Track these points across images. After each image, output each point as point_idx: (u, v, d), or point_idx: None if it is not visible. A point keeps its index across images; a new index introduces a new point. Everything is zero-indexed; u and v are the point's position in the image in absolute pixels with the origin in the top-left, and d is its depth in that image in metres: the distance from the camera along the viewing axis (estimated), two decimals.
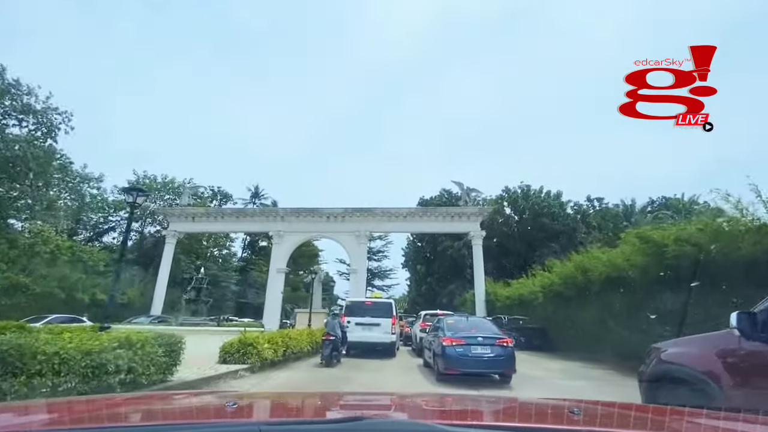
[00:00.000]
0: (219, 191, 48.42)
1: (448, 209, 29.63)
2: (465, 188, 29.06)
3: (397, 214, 28.52)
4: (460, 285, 39.45)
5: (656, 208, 46.74)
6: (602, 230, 40.98)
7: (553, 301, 16.85)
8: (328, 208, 28.84)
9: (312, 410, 1.71)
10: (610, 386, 8.50)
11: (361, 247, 28.54)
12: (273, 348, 8.99)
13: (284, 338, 10.05)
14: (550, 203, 42.18)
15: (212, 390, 5.44)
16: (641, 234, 10.97)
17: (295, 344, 10.70)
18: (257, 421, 1.27)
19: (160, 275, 28.48)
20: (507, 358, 8.40)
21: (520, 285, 21.36)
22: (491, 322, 11.34)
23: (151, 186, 35.58)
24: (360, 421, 1.02)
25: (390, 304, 14.13)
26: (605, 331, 13.16)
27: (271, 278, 28.32)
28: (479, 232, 27.87)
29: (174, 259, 32.51)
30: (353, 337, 12.57)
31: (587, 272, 13.72)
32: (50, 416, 1.31)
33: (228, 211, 30.76)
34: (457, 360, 8.22)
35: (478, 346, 8.40)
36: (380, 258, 47.99)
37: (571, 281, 14.70)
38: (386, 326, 12.95)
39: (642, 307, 11.36)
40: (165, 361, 5.45)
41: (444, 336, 8.66)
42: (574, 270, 14.37)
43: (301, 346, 11.17)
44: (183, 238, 35.94)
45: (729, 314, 2.80)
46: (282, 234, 28.84)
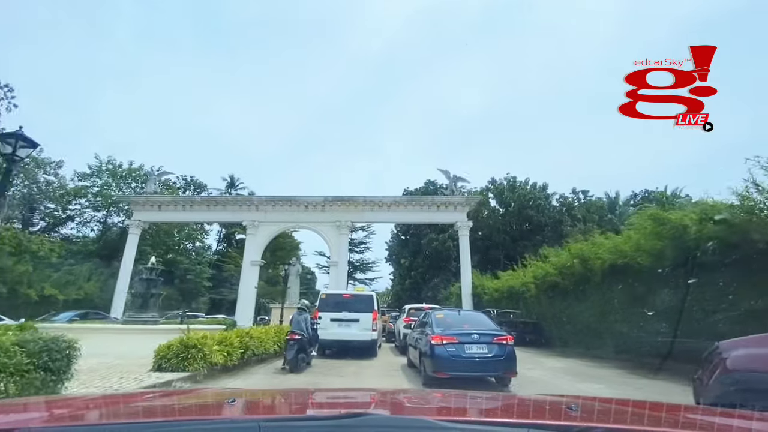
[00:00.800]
0: (192, 181, 45.78)
1: (434, 198, 28.20)
2: (452, 176, 27.66)
3: (380, 204, 26.92)
4: (445, 278, 38.52)
5: (639, 201, 46.85)
6: (587, 222, 40.59)
7: (547, 293, 15.65)
8: (306, 196, 27.02)
9: (312, 406, 1.69)
10: (632, 389, 7.19)
11: (342, 238, 26.87)
12: (226, 351, 7.30)
13: (243, 338, 8.34)
14: (536, 195, 41.63)
15: (212, 387, 5.43)
16: (657, 215, 9.70)
17: (257, 345, 9.01)
18: (257, 417, 1.22)
19: (122, 269, 26.10)
20: (507, 358, 7.11)
21: (511, 276, 20.15)
22: (487, 316, 9.95)
23: (115, 173, 32.87)
24: (360, 416, 1.02)
25: (371, 297, 12.54)
26: (606, 325, 11.99)
27: (245, 271, 26.37)
28: (466, 223, 26.58)
29: (139, 252, 30.18)
30: (328, 335, 11.15)
31: (587, 261, 12.49)
32: (49, 413, 1.30)
33: (198, 200, 28.46)
34: (449, 361, 6.95)
35: (473, 344, 7.12)
36: (362, 250, 45.99)
37: (568, 271, 13.46)
38: (366, 322, 11.46)
39: (650, 299, 10.19)
40: (38, 377, 3.74)
41: (432, 333, 7.39)
42: (572, 259, 13.12)
43: (266, 346, 9.48)
44: (151, 229, 33.57)
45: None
46: (257, 224, 26.88)
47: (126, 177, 33.40)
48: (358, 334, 11.34)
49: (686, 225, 8.45)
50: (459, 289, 27.21)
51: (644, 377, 8.54)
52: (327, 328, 11.18)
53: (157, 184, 29.91)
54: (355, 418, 1.01)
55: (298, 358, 8.07)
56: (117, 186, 32.99)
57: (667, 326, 9.48)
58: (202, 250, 44.67)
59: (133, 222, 27.31)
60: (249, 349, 8.52)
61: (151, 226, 32.76)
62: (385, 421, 1.10)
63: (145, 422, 1.13)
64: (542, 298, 16.36)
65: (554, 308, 15.34)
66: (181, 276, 38.37)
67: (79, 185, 32.10)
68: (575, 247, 13.35)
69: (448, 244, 39.48)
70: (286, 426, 1.08)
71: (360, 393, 2.45)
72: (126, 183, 33.69)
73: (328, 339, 11.23)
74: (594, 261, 12.11)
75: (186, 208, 27.73)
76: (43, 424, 1.10)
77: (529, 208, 40.63)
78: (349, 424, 1.00)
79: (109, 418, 1.19)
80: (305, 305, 8.94)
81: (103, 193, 31.91)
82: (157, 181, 29.85)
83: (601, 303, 12.21)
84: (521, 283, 17.83)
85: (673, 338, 8.82)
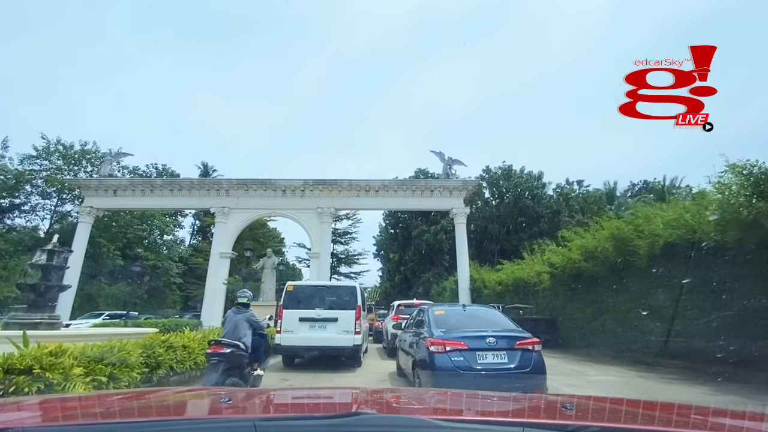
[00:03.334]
0: (165, 170, 41.92)
1: (427, 182, 25.41)
2: (446, 158, 24.88)
3: (367, 188, 24.00)
4: (437, 273, 36.10)
5: (638, 191, 45.27)
6: (585, 213, 38.57)
7: (569, 284, 13.03)
8: (284, 179, 23.92)
9: (308, 406, 1.70)
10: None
11: (324, 227, 23.89)
12: (102, 376, 4.30)
13: (149, 349, 5.34)
14: (532, 184, 39.40)
15: (206, 387, 4.61)
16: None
17: (176, 358, 5.98)
18: (252, 416, 1.21)
19: (69, 263, 22.60)
20: (534, 369, 5.18)
21: (518, 267, 17.49)
22: (502, 313, 7.28)
23: (66, 155, 29.05)
24: (356, 416, 1.02)
25: (353, 288, 9.97)
26: (655, 322, 9.38)
27: (213, 264, 23.19)
28: (463, 209, 23.90)
29: (94, 245, 26.63)
30: (296, 340, 8.82)
31: (629, 242, 9.84)
32: (44, 412, 1.30)
33: (159, 183, 25.00)
34: (454, 375, 5.02)
35: (488, 351, 5.18)
36: (347, 241, 42.26)
37: (601, 255, 10.81)
38: (347, 322, 8.95)
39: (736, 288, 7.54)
40: None
41: (431, 336, 5.50)
42: (609, 240, 10.45)
43: (195, 359, 6.48)
44: (109, 220, 29.95)
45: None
46: (227, 211, 23.70)
47: (80, 160, 29.56)
48: (336, 338, 8.84)
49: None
50: (454, 283, 24.61)
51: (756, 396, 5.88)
52: (295, 331, 8.86)
53: (114, 167, 26.37)
54: (351, 417, 1.00)
55: (226, 383, 4.94)
56: (71, 171, 29.18)
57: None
58: (174, 244, 40.98)
59: (84, 209, 23.76)
60: (162, 366, 5.51)
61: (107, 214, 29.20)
62: (380, 420, 1.08)
63: (141, 421, 1.11)
64: (560, 291, 13.77)
65: (577, 302, 12.74)
66: (149, 272, 34.95)
67: (26, 169, 28.20)
68: (613, 225, 10.68)
69: (441, 236, 36.99)
70: (282, 425, 1.07)
71: (355, 392, 2.25)
72: (81, 167, 29.90)
73: (296, 345, 8.91)
74: (640, 241, 9.47)
75: (146, 193, 24.30)
76: (37, 424, 1.11)
77: (526, 198, 38.46)
78: (344, 423, 0.99)
79: (104, 417, 1.16)
80: (248, 299, 5.66)
81: (51, 178, 28.08)
82: (114, 163, 26.29)
83: (647, 293, 9.61)
84: (532, 274, 15.18)
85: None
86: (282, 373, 8.45)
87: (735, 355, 7.29)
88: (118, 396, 1.76)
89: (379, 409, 1.38)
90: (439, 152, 25.66)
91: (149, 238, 36.36)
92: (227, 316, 5.80)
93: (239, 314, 5.60)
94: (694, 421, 1.24)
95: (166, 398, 1.65)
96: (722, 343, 7.50)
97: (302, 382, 7.38)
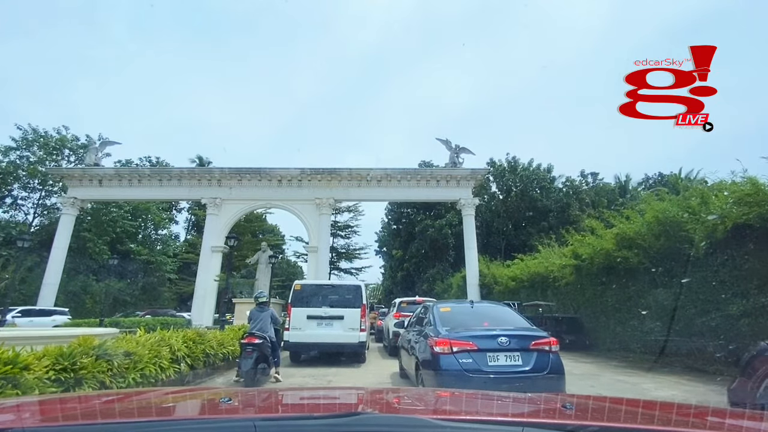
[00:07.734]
0: (158, 162, 40.40)
1: (433, 171, 23.81)
2: (454, 146, 23.28)
3: (368, 178, 22.43)
4: (442, 269, 34.48)
5: (652, 184, 43.48)
6: (596, 207, 36.94)
7: (599, 277, 11.43)
8: (280, 168, 22.38)
9: (308, 405, 1.69)
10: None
11: (322, 218, 22.36)
12: None
13: (69, 359, 3.75)
14: (540, 176, 37.75)
15: (206, 387, 5.22)
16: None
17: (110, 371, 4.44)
18: (252, 416, 1.18)
19: (52, 257, 21.22)
20: (552, 372, 4.69)
21: (534, 261, 15.89)
22: (514, 310, 6.30)
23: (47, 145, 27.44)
24: (356, 416, 1.01)
25: (358, 287, 10.16)
26: (714, 321, 7.79)
27: (204, 259, 21.72)
28: (471, 200, 22.35)
29: (79, 238, 25.17)
30: (304, 337, 9.26)
31: (683, 226, 8.23)
32: (44, 412, 1.28)
33: (147, 172, 23.51)
34: (462, 378, 4.51)
35: (500, 352, 4.71)
36: (348, 234, 40.14)
37: (645, 243, 9.20)
38: (352, 319, 9.33)
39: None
40: None
41: (436, 336, 5.04)
42: (654, 224, 8.85)
43: (143, 370, 4.91)
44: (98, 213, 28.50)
45: None
46: (219, 202, 22.21)
47: (61, 149, 27.99)
48: (342, 335, 9.29)
49: None
50: (461, 279, 23.09)
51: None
52: (303, 328, 9.29)
53: (100, 156, 24.84)
54: (351, 416, 1.00)
55: (257, 369, 6.21)
56: (52, 161, 27.66)
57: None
58: (168, 239, 39.54)
59: (67, 200, 22.31)
60: (86, 382, 3.98)
61: (96, 207, 27.76)
62: (380, 419, 1.07)
63: (141, 421, 1.10)
64: (586, 285, 12.19)
65: (608, 297, 11.16)
66: (143, 268, 33.53)
67: (3, 161, 26.67)
68: (661, 207, 9.06)
69: (446, 231, 35.33)
70: (282, 425, 1.06)
71: (356, 392, 2.28)
72: (63, 156, 28.36)
73: (305, 342, 9.33)
74: (695, 226, 7.86)
75: (133, 183, 22.82)
76: (37, 424, 1.10)
77: (533, 191, 36.85)
78: (345, 423, 0.98)
79: (104, 417, 1.14)
80: (266, 298, 7.04)
81: (31, 169, 26.58)
82: (100, 153, 24.74)
83: (702, 286, 8.02)
84: (553, 267, 13.58)
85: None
86: (291, 368, 8.75)
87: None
88: (118, 396, 1.70)
89: (380, 409, 1.40)
90: (445, 140, 24.07)
91: (143, 233, 34.95)
92: (252, 314, 7.12)
93: (263, 312, 6.99)
94: (694, 421, 1.21)
95: (166, 398, 1.67)
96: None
97: (310, 375, 7.65)
